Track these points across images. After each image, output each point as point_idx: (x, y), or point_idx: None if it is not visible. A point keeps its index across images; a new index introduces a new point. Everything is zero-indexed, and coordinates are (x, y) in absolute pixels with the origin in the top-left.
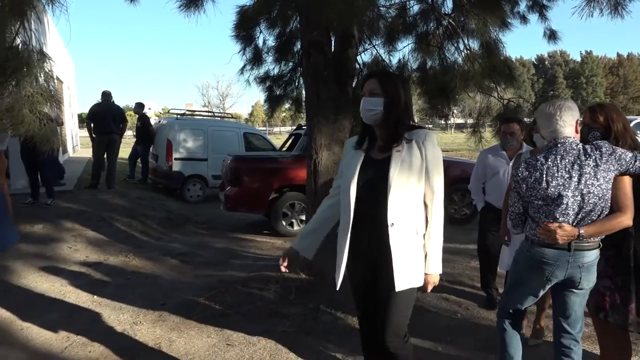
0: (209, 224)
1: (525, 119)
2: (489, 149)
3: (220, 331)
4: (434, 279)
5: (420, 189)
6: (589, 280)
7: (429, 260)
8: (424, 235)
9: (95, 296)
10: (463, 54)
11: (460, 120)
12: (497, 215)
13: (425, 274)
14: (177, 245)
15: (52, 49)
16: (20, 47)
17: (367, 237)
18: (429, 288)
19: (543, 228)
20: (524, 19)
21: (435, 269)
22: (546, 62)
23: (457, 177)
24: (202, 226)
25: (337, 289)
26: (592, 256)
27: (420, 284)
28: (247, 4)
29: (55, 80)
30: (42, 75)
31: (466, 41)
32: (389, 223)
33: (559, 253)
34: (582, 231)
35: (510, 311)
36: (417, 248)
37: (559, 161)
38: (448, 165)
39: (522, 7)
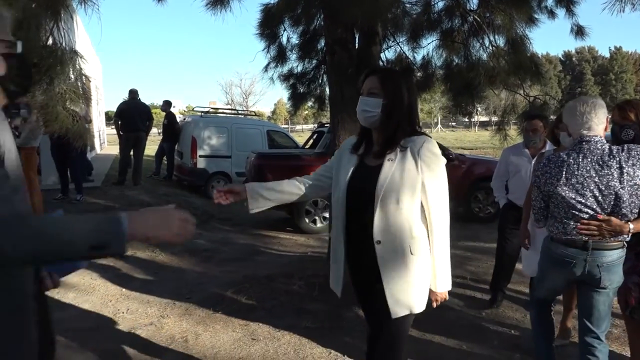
0: (232, 221)
1: (551, 117)
2: (512, 147)
3: (245, 325)
4: (442, 296)
5: (415, 203)
6: (611, 280)
7: (434, 279)
8: (429, 253)
9: (123, 289)
10: (488, 50)
11: (484, 118)
12: (518, 213)
13: (431, 290)
14: (201, 242)
15: (80, 47)
16: (54, 45)
17: (358, 254)
18: (435, 304)
19: (583, 223)
20: (551, 14)
21: (442, 288)
22: (573, 59)
23: (481, 175)
24: (226, 222)
25: (339, 297)
26: (614, 256)
27: (419, 309)
28: (271, 2)
29: (84, 79)
30: (74, 74)
31: (492, 37)
32: (375, 240)
33: (576, 251)
34: (631, 226)
35: (539, 301)
36: (413, 269)
37: (580, 159)
38: (472, 163)
39: (550, 1)
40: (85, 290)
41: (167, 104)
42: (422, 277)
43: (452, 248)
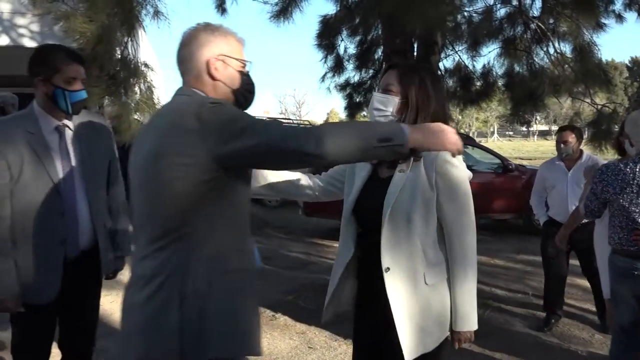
0: (287, 229)
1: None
2: (546, 163)
3: (302, 334)
4: (466, 336)
5: (430, 224)
6: None
7: (455, 315)
8: (447, 284)
9: None
10: (553, 58)
11: (543, 127)
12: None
13: (453, 330)
14: (258, 247)
15: (145, 58)
16: (128, 58)
17: (364, 283)
18: (457, 345)
19: (637, 233)
20: (619, 18)
21: (464, 326)
22: None
23: None
24: (280, 230)
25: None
26: None
27: (431, 347)
28: (329, 13)
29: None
30: (145, 85)
31: (556, 45)
32: (384, 268)
33: (632, 262)
34: None
35: (623, 331)
36: (429, 302)
37: (637, 169)
38: (532, 174)
39: (618, 5)
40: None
41: None
42: (440, 310)
43: (513, 262)
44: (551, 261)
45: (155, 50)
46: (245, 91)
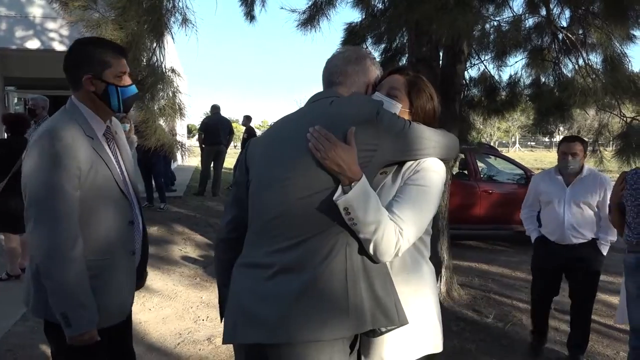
0: None
1: None
2: (543, 173)
3: None
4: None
5: None
6: None
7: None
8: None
9: (203, 297)
10: (582, 68)
11: None
12: (552, 249)
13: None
14: None
15: (171, 64)
16: (155, 64)
17: None
18: None
19: None
20: None
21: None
22: None
23: None
24: None
25: None
26: None
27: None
28: (355, 21)
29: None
30: (171, 90)
31: (585, 55)
32: None
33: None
34: None
35: (635, 330)
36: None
37: None
38: None
39: None
40: (168, 296)
41: (247, 119)
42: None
43: (529, 273)
44: (539, 282)
45: (180, 56)
46: None
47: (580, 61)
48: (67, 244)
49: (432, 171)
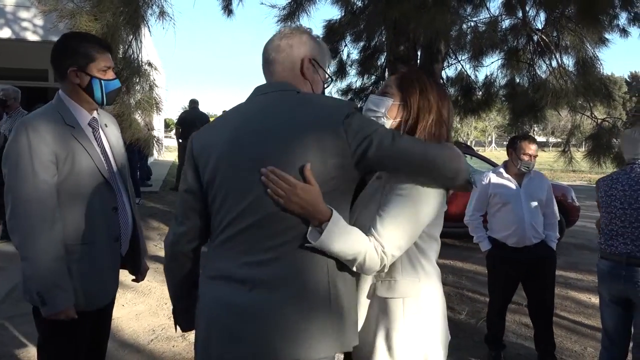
0: None
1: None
2: (492, 172)
3: None
4: None
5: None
6: None
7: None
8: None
9: None
10: (555, 70)
11: (541, 139)
12: (511, 258)
13: None
14: None
15: (148, 57)
16: (132, 57)
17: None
18: None
19: None
20: (624, 33)
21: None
22: None
23: None
24: None
25: None
26: None
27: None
28: (334, 19)
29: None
30: (147, 84)
31: (559, 57)
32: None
33: (613, 265)
34: None
35: (607, 332)
36: (376, 314)
37: (621, 178)
38: None
39: (623, 20)
40: (142, 292)
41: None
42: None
43: None
44: (499, 290)
45: (159, 51)
46: None
47: (554, 63)
48: (42, 227)
49: None
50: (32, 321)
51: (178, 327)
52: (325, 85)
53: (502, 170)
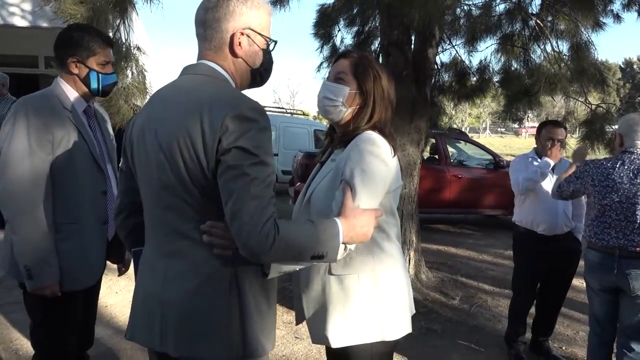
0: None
1: (612, 127)
2: (522, 158)
3: (289, 324)
4: None
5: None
6: None
7: None
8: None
9: None
10: (550, 55)
11: (535, 124)
12: (543, 246)
13: None
14: None
15: (137, 42)
16: (119, 41)
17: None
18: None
19: None
20: (617, 18)
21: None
22: (635, 66)
23: None
24: None
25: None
26: None
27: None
28: (328, 2)
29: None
30: (136, 69)
31: (554, 42)
32: None
33: (604, 257)
34: None
35: (597, 319)
36: (332, 292)
37: (617, 166)
38: None
39: (617, 5)
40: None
41: None
42: (346, 305)
43: (501, 258)
44: (528, 284)
45: (149, 34)
46: (263, 70)
47: (549, 48)
48: (34, 204)
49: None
50: (24, 309)
51: None
52: (271, 49)
53: (531, 156)
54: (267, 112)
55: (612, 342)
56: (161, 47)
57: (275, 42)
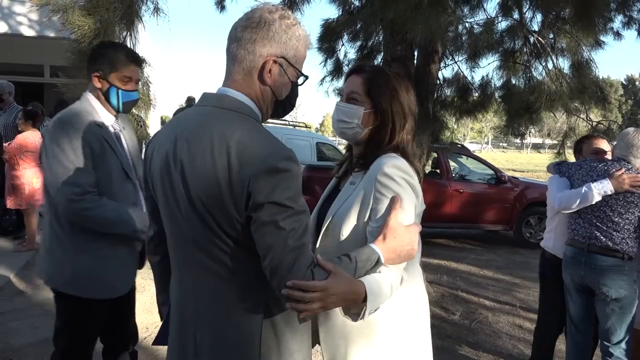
0: None
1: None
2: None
3: None
4: None
5: (360, 241)
6: (607, 286)
7: None
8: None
9: None
10: (551, 72)
11: (537, 140)
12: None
13: None
14: None
15: (143, 54)
16: None
17: None
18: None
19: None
20: (617, 36)
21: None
22: (637, 83)
23: (534, 200)
24: None
25: None
26: (609, 261)
27: None
28: (332, 18)
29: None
30: (142, 81)
31: (555, 60)
32: None
33: (575, 251)
34: None
35: (571, 319)
36: (345, 323)
37: (600, 166)
38: (525, 187)
39: (617, 23)
40: (136, 290)
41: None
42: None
43: (501, 273)
44: (559, 314)
45: (160, 49)
46: (288, 104)
47: (550, 65)
48: (103, 201)
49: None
50: (25, 317)
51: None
52: (300, 83)
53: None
54: (269, 125)
55: (587, 345)
56: (166, 57)
57: (307, 77)
